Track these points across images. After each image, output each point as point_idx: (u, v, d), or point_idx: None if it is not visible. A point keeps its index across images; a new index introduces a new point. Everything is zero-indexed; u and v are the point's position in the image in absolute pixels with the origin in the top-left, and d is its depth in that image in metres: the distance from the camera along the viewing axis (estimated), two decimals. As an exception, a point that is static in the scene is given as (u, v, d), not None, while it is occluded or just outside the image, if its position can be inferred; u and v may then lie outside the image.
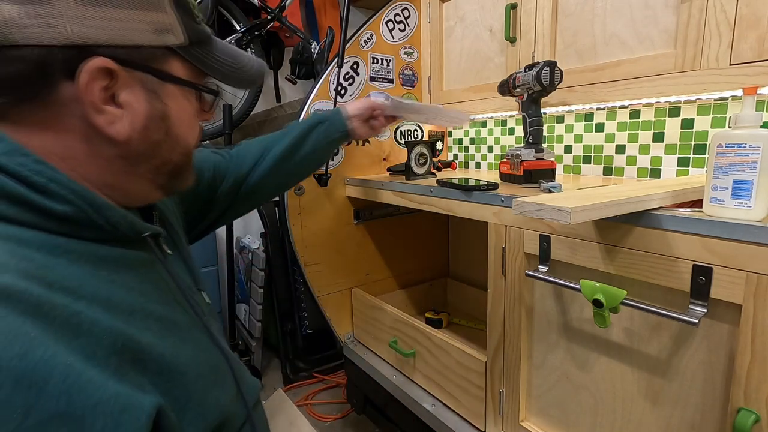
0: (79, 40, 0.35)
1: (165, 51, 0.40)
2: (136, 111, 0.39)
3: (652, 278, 0.60)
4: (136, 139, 0.40)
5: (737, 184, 0.53)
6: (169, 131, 0.42)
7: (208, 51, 0.45)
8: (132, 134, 0.39)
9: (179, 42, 0.41)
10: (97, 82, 0.36)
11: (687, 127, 0.95)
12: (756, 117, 0.53)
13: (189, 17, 0.42)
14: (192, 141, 0.47)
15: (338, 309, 1.36)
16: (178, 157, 0.45)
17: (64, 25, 0.34)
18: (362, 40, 1.28)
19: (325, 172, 1.25)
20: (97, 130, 0.37)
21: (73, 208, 0.36)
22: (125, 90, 0.38)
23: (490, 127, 1.43)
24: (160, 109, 0.41)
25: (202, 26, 0.44)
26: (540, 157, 0.92)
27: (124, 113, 0.38)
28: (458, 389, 0.97)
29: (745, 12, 0.71)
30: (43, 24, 0.33)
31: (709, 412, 0.59)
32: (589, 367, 0.72)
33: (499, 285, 0.84)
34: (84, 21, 0.35)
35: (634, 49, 0.88)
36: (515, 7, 1.06)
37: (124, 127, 0.38)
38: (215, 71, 0.46)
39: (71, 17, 0.34)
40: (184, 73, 0.43)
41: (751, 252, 0.51)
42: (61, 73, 0.35)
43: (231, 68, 0.47)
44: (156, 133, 0.41)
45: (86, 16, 0.35)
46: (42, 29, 0.33)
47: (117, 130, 0.38)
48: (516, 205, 0.58)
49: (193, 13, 0.42)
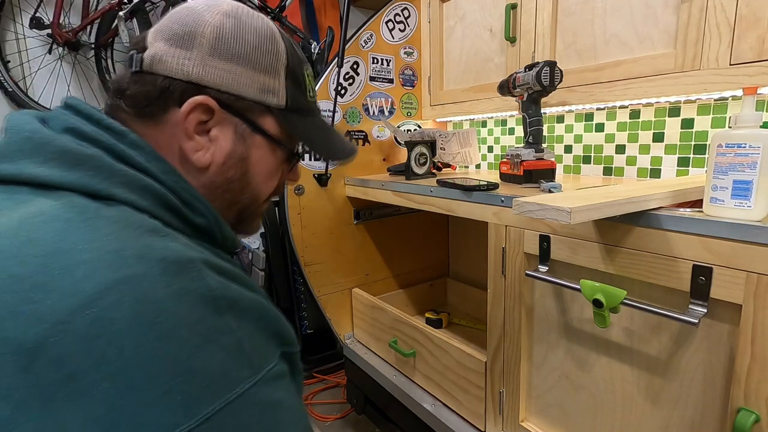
0: (196, 80, 0.43)
1: (264, 108, 0.48)
2: (221, 146, 0.46)
3: (652, 278, 0.60)
4: (214, 170, 0.46)
5: (737, 184, 0.53)
6: (245, 173, 0.49)
7: (304, 121, 0.52)
8: (213, 164, 0.46)
9: (278, 105, 0.48)
10: (196, 113, 0.44)
11: (687, 127, 0.95)
12: (756, 117, 0.53)
13: (299, 90, 0.50)
14: (264, 190, 0.53)
15: (338, 309, 1.36)
16: (247, 200, 0.51)
17: (191, 66, 0.43)
18: (362, 40, 1.28)
19: (325, 172, 1.25)
20: (186, 155, 0.44)
21: (206, 221, 0.44)
22: (217, 127, 0.45)
23: (490, 127, 1.43)
24: (242, 152, 0.48)
25: (307, 100, 0.52)
26: (540, 157, 0.92)
27: (211, 145, 0.46)
28: (458, 389, 0.97)
29: (745, 12, 0.71)
30: (179, 63, 0.43)
31: (709, 412, 0.59)
32: (589, 367, 0.72)
33: (499, 285, 0.84)
34: (207, 68, 0.43)
35: (634, 49, 0.88)
36: (515, 7, 1.06)
37: (206, 157, 0.45)
38: (304, 137, 0.53)
39: (199, 62, 0.43)
40: (274, 130, 0.49)
41: (751, 252, 0.51)
42: (175, 101, 0.43)
43: (321, 142, 0.54)
44: (233, 170, 0.48)
45: (211, 64, 0.44)
46: (176, 66, 0.43)
47: (199, 157, 0.45)
48: (516, 205, 0.58)
49: (304, 88, 0.51)
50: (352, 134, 1.31)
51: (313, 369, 1.82)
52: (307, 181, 1.24)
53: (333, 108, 1.23)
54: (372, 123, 1.35)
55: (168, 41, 0.43)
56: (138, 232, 0.34)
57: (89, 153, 0.37)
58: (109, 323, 0.28)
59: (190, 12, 0.45)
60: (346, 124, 1.30)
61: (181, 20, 0.44)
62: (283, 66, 0.48)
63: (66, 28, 1.46)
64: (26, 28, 1.45)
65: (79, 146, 0.37)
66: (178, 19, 0.44)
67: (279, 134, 0.50)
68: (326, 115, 1.23)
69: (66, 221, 0.33)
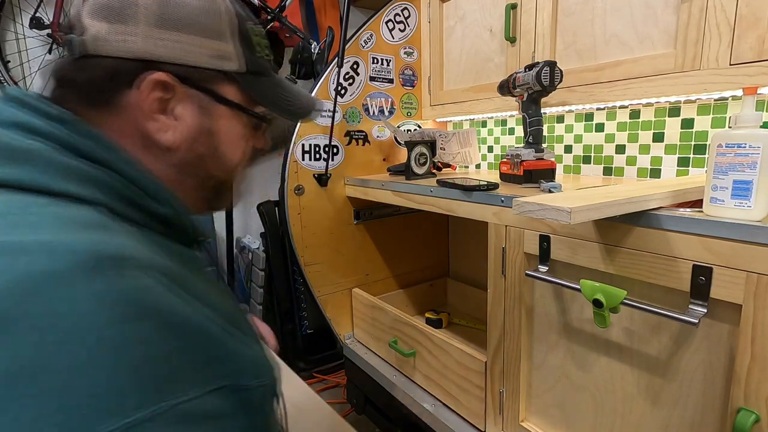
0: (145, 55, 0.40)
1: (221, 75, 0.45)
2: (187, 123, 0.44)
3: (652, 278, 0.60)
4: (184, 149, 0.44)
5: (737, 184, 0.53)
6: (215, 148, 0.47)
7: (265, 83, 0.50)
8: (180, 143, 0.44)
9: (236, 69, 0.46)
10: (155, 93, 0.41)
11: (687, 127, 0.95)
12: (756, 117, 0.53)
13: (250, 50, 0.47)
14: (235, 160, 0.50)
15: (338, 309, 1.36)
16: (221, 174, 0.49)
17: (136, 42, 0.40)
18: (362, 40, 1.28)
19: (325, 172, 1.25)
20: (150, 137, 0.42)
21: (171, 211, 0.42)
22: (180, 104, 0.43)
23: (490, 127, 1.43)
24: (209, 126, 0.45)
25: (262, 60, 0.49)
26: (540, 157, 0.92)
27: (177, 124, 0.43)
28: (458, 389, 0.97)
29: (745, 12, 0.71)
30: (123, 40, 0.40)
31: (709, 412, 0.59)
32: (589, 367, 0.72)
33: (499, 285, 0.84)
34: (154, 41, 0.41)
35: (634, 49, 0.88)
36: (515, 7, 1.06)
37: (173, 136, 0.43)
38: (267, 100, 0.50)
39: (145, 36, 0.40)
40: (236, 97, 0.47)
41: (751, 252, 0.51)
42: (126, 82, 0.41)
43: (284, 101, 0.52)
44: (202, 146, 0.45)
45: (158, 36, 0.41)
46: (120, 44, 0.40)
47: (167, 137, 0.43)
48: (516, 205, 0.58)
49: (255, 48, 0.48)
50: (352, 134, 1.31)
51: (313, 369, 1.82)
52: (307, 181, 1.24)
53: (333, 108, 1.23)
54: (372, 123, 1.35)
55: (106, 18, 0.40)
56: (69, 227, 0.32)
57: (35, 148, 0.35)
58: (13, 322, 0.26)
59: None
60: (346, 124, 1.30)
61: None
62: (232, 27, 0.45)
63: (66, 28, 1.45)
64: (26, 28, 1.45)
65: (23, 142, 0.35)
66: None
67: (243, 101, 0.48)
68: (326, 115, 1.24)
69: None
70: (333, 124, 1.23)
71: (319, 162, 1.25)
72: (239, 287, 1.94)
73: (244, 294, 1.91)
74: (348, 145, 1.30)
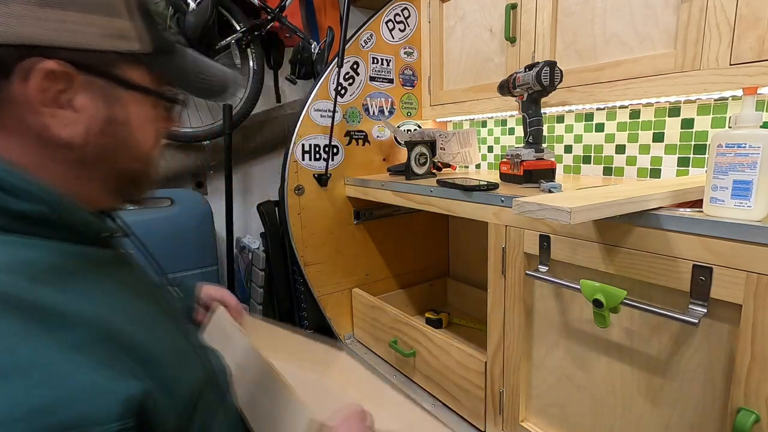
0: (25, 40, 0.34)
1: (125, 57, 0.40)
2: (92, 115, 0.39)
3: (652, 278, 0.60)
4: (92, 143, 0.39)
5: (737, 184, 0.53)
6: (126, 138, 0.42)
7: (174, 60, 0.45)
8: (87, 138, 0.39)
9: (139, 49, 0.41)
10: (51, 84, 0.36)
11: (687, 127, 0.95)
12: (756, 117, 0.53)
13: (153, 26, 0.42)
14: (148, 146, 0.46)
15: (338, 309, 1.36)
16: (135, 164, 0.44)
17: (19, 25, 0.34)
18: (362, 40, 1.28)
19: (325, 172, 1.25)
20: (51, 133, 0.37)
21: (46, 208, 0.37)
22: (81, 94, 0.38)
23: (490, 127, 1.43)
24: (117, 115, 0.41)
25: (168, 36, 0.44)
26: (540, 157, 0.92)
27: (79, 117, 0.38)
28: (458, 389, 0.97)
29: (745, 12, 0.71)
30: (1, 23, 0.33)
31: (709, 412, 0.59)
32: (589, 367, 0.72)
33: (499, 285, 0.84)
34: (37, 22, 0.34)
35: (634, 49, 0.88)
36: (515, 7, 1.06)
37: (78, 131, 0.38)
38: (179, 80, 0.46)
39: (21, 17, 0.34)
40: (144, 80, 0.42)
41: (751, 252, 0.51)
42: (3, 73, 0.34)
43: (198, 79, 0.47)
44: (112, 138, 0.41)
45: (40, 17, 0.34)
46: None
47: (71, 133, 0.38)
48: (516, 205, 0.58)
49: (156, 22, 0.43)
50: (352, 134, 1.31)
51: (313, 369, 1.81)
52: (307, 181, 1.24)
53: (333, 108, 1.23)
54: (372, 123, 1.35)
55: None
56: None
57: None
58: None
59: None
60: (346, 124, 1.30)
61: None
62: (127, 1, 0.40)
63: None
64: None
65: None
66: None
67: (151, 83, 0.43)
68: (326, 115, 1.24)
69: None
70: (333, 124, 1.23)
71: (319, 162, 1.25)
72: (239, 287, 1.94)
73: (244, 294, 1.91)
74: (348, 145, 1.30)
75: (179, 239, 1.47)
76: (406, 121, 1.42)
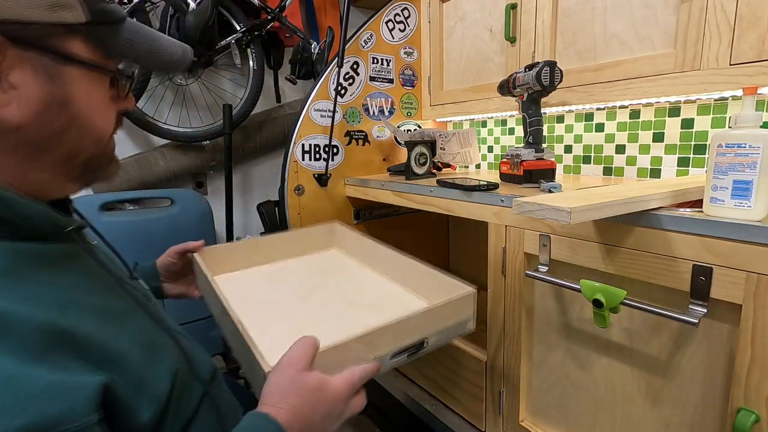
0: None
1: (64, 29, 0.37)
2: (30, 93, 0.36)
3: (652, 278, 0.60)
4: (33, 124, 0.37)
5: (737, 184, 0.53)
6: (74, 117, 0.40)
7: (118, 32, 0.42)
8: (27, 119, 0.36)
9: (79, 20, 0.37)
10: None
11: (687, 127, 0.95)
12: (756, 117, 0.53)
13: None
14: (105, 128, 0.43)
15: (338, 309, 1.36)
16: (90, 147, 0.42)
17: None
18: (362, 40, 1.28)
19: (325, 172, 1.25)
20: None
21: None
22: (15, 70, 0.35)
23: (490, 127, 1.43)
24: (60, 93, 0.38)
25: (109, 5, 0.40)
26: (540, 157, 0.92)
27: (16, 96, 0.35)
28: (458, 389, 0.97)
29: (745, 12, 0.71)
30: None
31: (709, 412, 0.59)
32: (589, 367, 0.72)
33: (499, 285, 0.84)
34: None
35: (634, 49, 0.88)
36: (515, 7, 1.06)
37: (14, 112, 0.36)
38: (126, 53, 0.43)
39: None
40: (88, 54, 0.39)
41: (751, 252, 0.51)
42: None
43: (146, 51, 0.44)
44: (57, 118, 0.38)
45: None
46: None
47: (7, 114, 0.35)
48: (516, 205, 0.58)
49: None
50: (352, 134, 1.31)
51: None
52: (307, 181, 1.24)
53: (333, 108, 1.23)
54: (372, 123, 1.35)
55: None
56: None
57: None
58: None
59: None
60: (346, 124, 1.30)
61: None
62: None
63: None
64: None
65: None
66: None
67: (94, 57, 0.40)
68: (326, 115, 1.24)
69: None
70: (333, 124, 1.23)
71: (319, 162, 1.25)
72: (239, 287, 1.94)
73: (244, 294, 1.91)
74: (348, 145, 1.30)
75: (179, 239, 1.47)
76: (406, 121, 1.42)
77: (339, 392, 0.47)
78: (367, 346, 0.53)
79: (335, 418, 0.47)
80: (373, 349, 0.54)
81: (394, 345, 0.56)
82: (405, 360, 0.58)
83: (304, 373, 0.45)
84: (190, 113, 1.75)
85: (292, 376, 0.44)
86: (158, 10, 1.56)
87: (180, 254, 0.78)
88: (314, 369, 0.46)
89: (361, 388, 0.50)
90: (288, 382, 0.44)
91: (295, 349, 0.47)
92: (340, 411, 0.47)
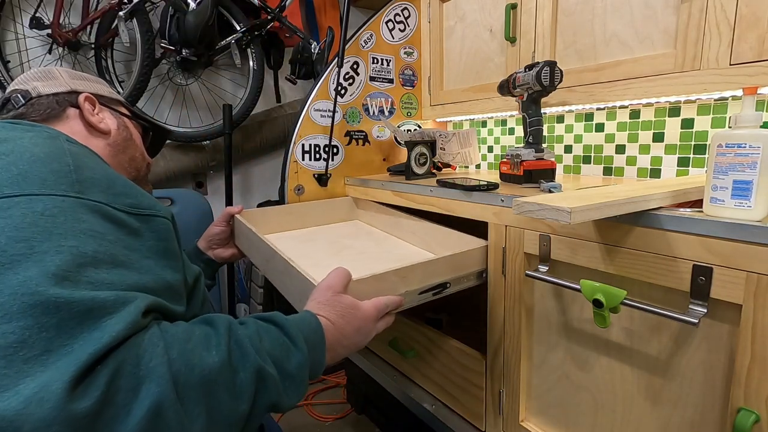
0: (74, 89, 0.67)
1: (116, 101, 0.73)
2: (110, 118, 0.69)
3: (652, 278, 0.60)
4: (114, 131, 0.68)
5: (737, 184, 0.53)
6: (130, 135, 0.72)
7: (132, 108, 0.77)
8: (111, 129, 0.68)
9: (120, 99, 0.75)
10: (87, 104, 0.66)
11: (687, 127, 0.95)
12: (756, 117, 0.53)
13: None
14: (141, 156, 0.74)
15: (338, 309, 1.36)
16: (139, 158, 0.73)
17: (63, 84, 0.66)
18: (362, 40, 1.28)
19: (325, 172, 1.25)
20: (92, 127, 0.65)
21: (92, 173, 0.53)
22: (102, 110, 0.69)
23: (490, 127, 1.43)
24: (122, 122, 0.71)
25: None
26: (540, 157, 0.92)
27: (104, 118, 0.68)
28: (458, 389, 0.97)
29: (745, 12, 0.71)
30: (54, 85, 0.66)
31: (709, 412, 0.59)
32: (589, 367, 0.72)
33: (499, 285, 0.84)
34: (74, 83, 0.68)
35: (634, 49, 0.88)
36: (515, 7, 1.06)
37: (105, 124, 0.67)
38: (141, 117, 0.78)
39: (67, 81, 0.67)
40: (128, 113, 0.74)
41: (751, 252, 0.51)
42: (66, 103, 0.65)
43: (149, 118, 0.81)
44: (124, 131, 0.71)
45: (73, 82, 0.68)
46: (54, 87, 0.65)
47: (105, 125, 0.67)
48: (516, 205, 0.58)
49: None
50: (352, 134, 1.31)
51: (313, 369, 1.81)
52: (307, 181, 1.24)
53: (333, 108, 1.23)
54: (372, 123, 1.35)
55: (37, 81, 0.65)
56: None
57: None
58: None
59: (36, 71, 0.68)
60: (346, 124, 1.30)
61: (35, 74, 0.67)
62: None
63: (66, 28, 1.45)
64: (26, 28, 1.45)
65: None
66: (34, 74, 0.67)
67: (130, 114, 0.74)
68: (326, 115, 1.24)
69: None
70: (333, 124, 1.23)
71: (319, 162, 1.25)
72: (239, 287, 1.94)
73: (244, 294, 1.91)
74: (348, 145, 1.31)
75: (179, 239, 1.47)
76: (406, 121, 1.42)
77: (368, 313, 0.60)
78: (401, 280, 0.65)
79: (364, 335, 0.60)
80: (405, 283, 0.66)
81: (423, 282, 0.69)
82: (430, 297, 0.72)
83: (339, 294, 0.59)
84: (190, 113, 1.75)
85: (329, 297, 0.58)
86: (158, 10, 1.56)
87: (226, 221, 0.98)
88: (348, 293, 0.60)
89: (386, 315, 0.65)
90: (326, 300, 0.58)
91: (332, 276, 0.61)
92: (369, 329, 0.61)
